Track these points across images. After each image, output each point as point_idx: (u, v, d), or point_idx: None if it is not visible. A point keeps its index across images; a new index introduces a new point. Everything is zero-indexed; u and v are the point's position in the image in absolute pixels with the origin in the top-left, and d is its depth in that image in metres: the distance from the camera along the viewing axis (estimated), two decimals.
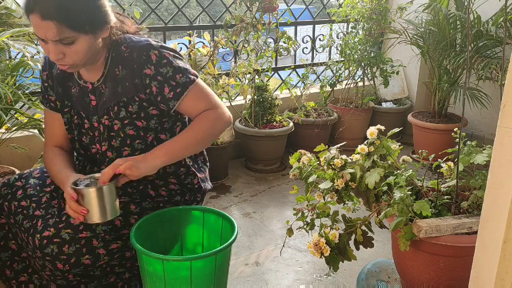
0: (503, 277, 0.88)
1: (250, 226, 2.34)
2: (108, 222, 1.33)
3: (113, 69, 1.37)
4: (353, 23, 3.41)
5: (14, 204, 1.42)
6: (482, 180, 1.38)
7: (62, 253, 1.27)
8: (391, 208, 1.34)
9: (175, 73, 1.34)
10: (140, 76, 1.34)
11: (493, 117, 3.30)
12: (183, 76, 1.35)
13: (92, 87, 1.41)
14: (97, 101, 1.42)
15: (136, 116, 1.39)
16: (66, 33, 1.20)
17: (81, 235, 1.30)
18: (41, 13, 1.17)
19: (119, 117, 1.39)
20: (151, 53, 1.33)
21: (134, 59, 1.34)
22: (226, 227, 1.46)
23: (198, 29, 3.24)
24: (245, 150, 3.12)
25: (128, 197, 1.44)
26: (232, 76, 2.92)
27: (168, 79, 1.34)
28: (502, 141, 0.84)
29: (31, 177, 1.50)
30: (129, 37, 1.39)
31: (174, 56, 1.37)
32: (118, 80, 1.37)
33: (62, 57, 1.25)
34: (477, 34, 2.80)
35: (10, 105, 1.93)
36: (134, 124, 1.40)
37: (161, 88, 1.34)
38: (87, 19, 1.23)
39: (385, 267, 1.74)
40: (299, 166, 1.63)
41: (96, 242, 1.31)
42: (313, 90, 3.53)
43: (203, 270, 1.29)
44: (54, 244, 1.28)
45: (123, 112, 1.39)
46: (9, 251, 1.49)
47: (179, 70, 1.35)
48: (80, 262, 1.29)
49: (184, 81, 1.35)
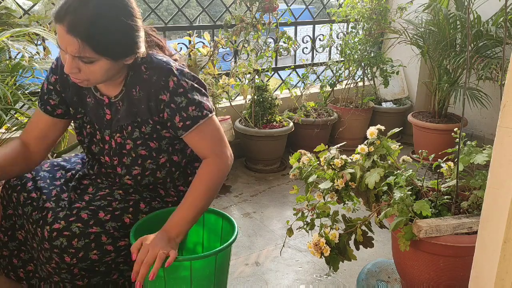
0: (503, 277, 0.88)
1: (250, 226, 2.34)
2: (118, 219, 1.35)
3: (131, 89, 1.35)
4: (353, 23, 3.41)
5: (24, 195, 1.43)
6: (482, 180, 1.38)
7: (71, 247, 1.28)
8: (391, 208, 1.34)
9: (188, 104, 1.32)
10: (156, 100, 1.32)
11: (493, 117, 3.30)
12: (195, 110, 1.33)
13: (108, 102, 1.39)
14: (112, 116, 1.40)
15: (149, 137, 1.38)
16: (88, 53, 1.17)
17: (91, 230, 1.31)
18: (69, 27, 1.14)
19: (132, 137, 1.38)
20: (170, 80, 1.31)
21: (153, 83, 1.31)
22: (226, 227, 1.46)
23: (198, 29, 3.24)
24: (245, 150, 3.12)
25: (139, 195, 1.45)
26: (232, 76, 2.92)
27: (181, 110, 1.32)
28: (502, 141, 0.84)
29: (41, 170, 1.51)
30: (150, 56, 1.35)
31: (192, 86, 1.34)
32: (134, 101, 1.35)
33: (77, 72, 1.22)
34: (477, 34, 2.80)
35: (10, 105, 1.93)
36: (146, 144, 1.39)
37: (172, 116, 1.33)
38: (113, 46, 1.19)
39: (385, 267, 1.74)
40: (299, 166, 1.63)
41: (105, 238, 1.32)
42: (313, 90, 3.53)
43: (203, 270, 1.29)
44: (64, 237, 1.29)
45: (136, 132, 1.38)
46: (16, 241, 1.51)
47: (193, 102, 1.33)
48: (88, 257, 1.30)
49: (195, 115, 1.33)
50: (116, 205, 1.39)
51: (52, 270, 1.33)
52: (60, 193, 1.43)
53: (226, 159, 1.38)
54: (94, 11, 1.14)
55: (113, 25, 1.18)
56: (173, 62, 1.36)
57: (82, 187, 1.47)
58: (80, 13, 1.14)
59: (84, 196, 1.42)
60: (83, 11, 1.14)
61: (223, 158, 1.38)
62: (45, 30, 1.99)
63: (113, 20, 1.17)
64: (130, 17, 1.21)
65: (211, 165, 1.36)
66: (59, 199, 1.40)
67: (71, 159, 1.62)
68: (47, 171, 1.51)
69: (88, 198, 1.40)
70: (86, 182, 1.49)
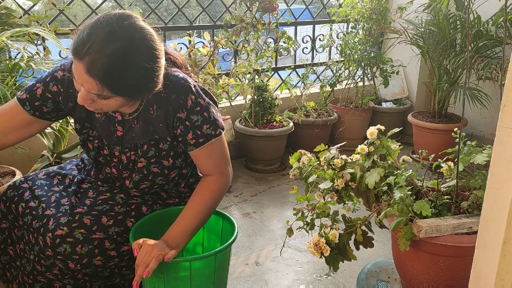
0: (503, 277, 0.88)
1: (250, 226, 2.34)
2: (121, 223, 1.35)
3: (148, 107, 1.34)
4: (353, 23, 3.41)
5: (22, 205, 1.41)
6: (482, 180, 1.38)
7: (75, 253, 1.27)
8: (391, 208, 1.34)
9: (203, 122, 1.32)
10: (173, 118, 1.32)
11: (493, 117, 3.30)
12: (210, 128, 1.34)
13: (122, 119, 1.37)
14: (123, 133, 1.39)
15: (166, 154, 1.38)
16: (105, 92, 1.15)
17: (94, 236, 1.30)
18: (88, 68, 1.10)
19: (147, 155, 1.38)
20: (188, 98, 1.30)
21: (171, 101, 1.31)
22: (226, 227, 1.46)
23: (198, 29, 3.24)
24: (245, 150, 3.12)
25: (141, 199, 1.45)
26: (232, 76, 2.92)
27: (195, 128, 1.32)
28: (502, 141, 0.84)
29: (38, 178, 1.49)
30: (167, 74, 1.31)
31: (208, 104, 1.34)
32: (151, 120, 1.34)
33: (90, 103, 1.20)
34: (477, 34, 2.80)
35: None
36: (160, 162, 1.39)
37: (185, 133, 1.33)
38: (131, 87, 1.18)
39: (385, 267, 1.74)
40: (299, 166, 1.63)
41: (108, 244, 1.31)
42: (313, 90, 3.53)
43: (203, 271, 1.29)
44: (67, 243, 1.27)
45: (152, 151, 1.37)
46: (8, 255, 1.49)
47: (208, 120, 1.33)
48: (92, 263, 1.29)
49: (209, 133, 1.34)
50: (118, 209, 1.38)
51: (54, 276, 1.32)
52: (60, 198, 1.41)
53: (227, 178, 1.41)
54: (116, 55, 1.10)
55: (133, 69, 1.14)
56: (190, 79, 1.35)
57: (82, 191, 1.45)
58: (101, 55, 1.09)
59: (85, 200, 1.40)
60: (105, 53, 1.09)
61: (225, 177, 1.40)
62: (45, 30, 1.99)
63: (134, 65, 1.14)
64: (152, 60, 1.17)
65: (214, 183, 1.38)
66: (59, 205, 1.38)
67: (66, 166, 1.59)
68: (43, 179, 1.49)
69: (89, 203, 1.38)
70: (85, 186, 1.48)
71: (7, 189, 1.46)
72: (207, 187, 1.37)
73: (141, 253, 1.20)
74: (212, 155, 1.38)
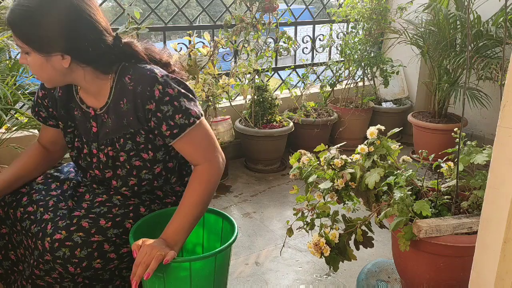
0: (503, 277, 0.88)
1: (250, 226, 2.34)
2: (119, 225, 1.34)
3: (118, 101, 1.33)
4: (353, 23, 3.41)
5: (20, 210, 1.41)
6: (482, 180, 1.38)
7: (74, 257, 1.27)
8: (391, 208, 1.34)
9: (175, 113, 1.29)
10: (143, 111, 1.31)
11: (493, 117, 3.30)
12: (182, 117, 1.30)
13: (94, 114, 1.38)
14: (98, 128, 1.39)
15: (144, 147, 1.37)
16: (19, 42, 1.21)
17: (93, 239, 1.29)
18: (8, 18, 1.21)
19: (125, 149, 1.37)
20: (155, 89, 1.28)
21: (138, 94, 1.30)
22: (226, 227, 1.46)
23: (198, 29, 3.24)
24: (245, 150, 3.12)
25: (138, 199, 1.44)
26: (232, 76, 2.92)
27: (167, 118, 1.30)
28: (502, 141, 0.84)
29: (35, 183, 1.48)
30: (133, 67, 1.33)
31: (179, 92, 1.31)
32: (123, 113, 1.33)
33: (26, 63, 1.25)
34: (477, 34, 2.80)
35: (10, 105, 1.93)
36: (140, 156, 1.38)
37: (159, 125, 1.31)
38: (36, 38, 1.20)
39: (385, 267, 1.74)
40: (299, 166, 1.63)
41: (107, 246, 1.31)
42: (313, 90, 3.53)
43: (203, 271, 1.29)
44: (66, 247, 1.27)
45: (129, 144, 1.36)
46: (9, 260, 1.49)
47: (180, 110, 1.30)
48: (92, 266, 1.29)
49: (182, 123, 1.30)
50: (116, 211, 1.38)
51: (53, 280, 1.32)
52: (57, 202, 1.41)
53: (217, 165, 1.36)
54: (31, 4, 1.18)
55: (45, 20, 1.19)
56: (157, 69, 1.32)
57: (78, 194, 1.45)
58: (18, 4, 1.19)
59: (82, 203, 1.39)
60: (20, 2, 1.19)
61: (214, 164, 1.36)
62: None
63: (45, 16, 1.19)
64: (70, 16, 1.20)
65: (204, 173, 1.34)
66: (57, 209, 1.38)
67: (63, 168, 1.59)
68: (41, 183, 1.48)
69: (86, 206, 1.38)
70: (82, 190, 1.47)
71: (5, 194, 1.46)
72: (196, 178, 1.34)
73: (141, 254, 1.20)
74: (194, 145, 1.34)
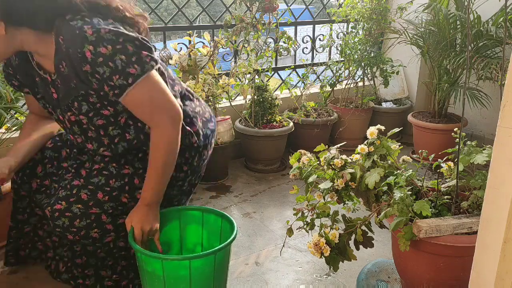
0: (503, 277, 0.88)
1: (250, 226, 2.34)
2: (116, 199, 1.40)
3: (59, 65, 1.29)
4: (353, 23, 3.40)
5: (37, 181, 1.52)
6: (482, 180, 1.38)
7: (73, 226, 1.35)
8: (391, 208, 1.34)
9: (112, 74, 1.23)
10: (82, 73, 1.25)
11: (493, 117, 3.30)
12: (120, 78, 1.23)
13: (51, 80, 1.36)
14: (57, 94, 1.37)
15: (100, 106, 1.33)
16: None
17: (91, 211, 1.35)
18: None
19: (83, 112, 1.34)
20: (85, 50, 1.20)
21: (70, 56, 1.23)
22: (225, 227, 1.46)
23: (198, 29, 3.24)
24: (245, 150, 3.12)
25: (132, 167, 1.43)
26: (232, 76, 2.92)
27: (106, 79, 1.24)
28: (502, 141, 0.84)
29: (46, 148, 1.55)
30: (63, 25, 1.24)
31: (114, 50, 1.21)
32: (66, 77, 1.29)
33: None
34: (477, 34, 2.80)
35: (10, 105, 1.93)
36: (100, 114, 1.34)
37: (100, 86, 1.27)
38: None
39: (385, 267, 1.74)
40: (299, 166, 1.63)
41: (105, 217, 1.37)
42: (313, 90, 3.52)
43: (202, 270, 1.29)
44: (66, 217, 1.34)
45: (85, 106, 1.33)
46: (37, 216, 1.61)
47: (116, 71, 1.22)
48: (89, 235, 1.36)
49: (121, 83, 1.24)
50: (113, 184, 1.40)
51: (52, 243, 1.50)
52: (65, 174, 1.50)
53: (165, 128, 1.30)
54: None
55: None
56: (87, 27, 1.21)
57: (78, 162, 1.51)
58: None
59: (80, 170, 1.45)
60: None
61: (161, 127, 1.30)
62: None
63: None
64: None
65: (154, 136, 1.32)
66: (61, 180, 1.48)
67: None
68: (51, 148, 1.55)
69: (85, 173, 1.43)
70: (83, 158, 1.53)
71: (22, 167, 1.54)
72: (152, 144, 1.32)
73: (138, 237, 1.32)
74: (136, 106, 1.30)
